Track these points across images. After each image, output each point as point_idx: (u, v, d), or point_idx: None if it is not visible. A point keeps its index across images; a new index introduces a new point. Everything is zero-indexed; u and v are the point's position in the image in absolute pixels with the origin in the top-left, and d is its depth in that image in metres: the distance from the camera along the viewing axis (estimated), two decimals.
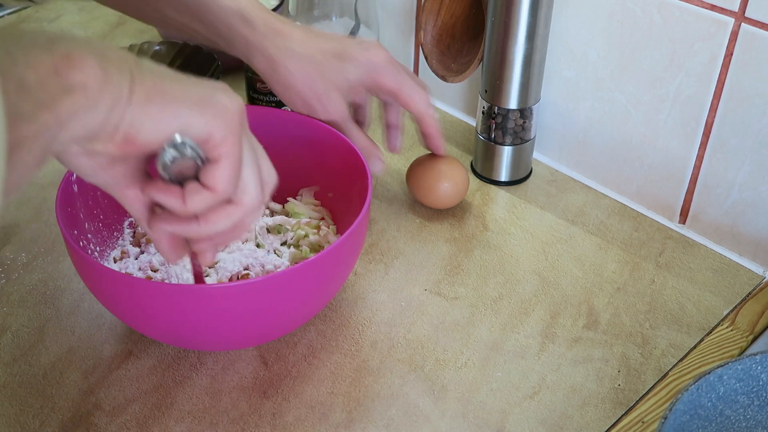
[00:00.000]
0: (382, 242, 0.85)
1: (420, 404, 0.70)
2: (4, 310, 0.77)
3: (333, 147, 0.79)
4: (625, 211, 0.91)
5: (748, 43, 0.76)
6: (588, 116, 0.91)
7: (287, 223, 0.79)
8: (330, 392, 0.70)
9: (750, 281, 0.82)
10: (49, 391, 0.70)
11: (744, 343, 0.75)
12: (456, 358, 0.74)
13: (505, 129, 0.91)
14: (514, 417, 0.69)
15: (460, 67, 0.95)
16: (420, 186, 0.87)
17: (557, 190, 0.93)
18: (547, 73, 0.90)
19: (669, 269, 0.83)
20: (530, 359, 0.74)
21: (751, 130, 0.79)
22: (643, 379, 0.72)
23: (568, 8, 0.87)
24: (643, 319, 0.78)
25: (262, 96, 0.98)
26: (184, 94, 0.48)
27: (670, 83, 0.83)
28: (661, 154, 0.87)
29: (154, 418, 0.68)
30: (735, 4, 0.76)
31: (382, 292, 0.80)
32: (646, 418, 0.68)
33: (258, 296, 0.65)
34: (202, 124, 0.49)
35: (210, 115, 0.49)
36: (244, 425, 0.68)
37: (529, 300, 0.79)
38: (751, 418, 0.61)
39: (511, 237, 0.87)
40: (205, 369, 0.72)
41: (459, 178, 0.86)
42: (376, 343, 0.75)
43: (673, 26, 0.80)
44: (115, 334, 0.75)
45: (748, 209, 0.83)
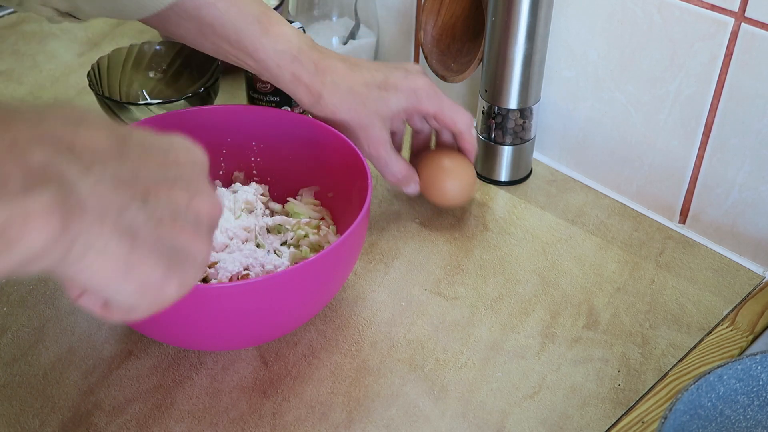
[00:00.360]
0: (382, 242, 0.85)
1: (420, 404, 0.70)
2: (4, 310, 0.77)
3: (333, 147, 0.79)
4: (625, 211, 0.91)
5: (748, 43, 0.76)
6: (588, 116, 0.91)
7: (287, 223, 0.79)
8: (330, 392, 0.70)
9: (750, 281, 0.82)
10: (49, 391, 0.70)
11: (744, 343, 0.75)
12: (456, 358, 0.74)
13: (505, 129, 0.91)
14: (514, 417, 0.69)
15: (460, 67, 0.95)
16: (428, 182, 0.85)
17: (557, 190, 0.93)
18: (547, 73, 0.90)
19: (669, 269, 0.83)
20: (530, 359, 0.74)
21: (751, 130, 0.79)
22: (643, 379, 0.72)
23: (568, 8, 0.87)
24: (643, 319, 0.78)
25: (262, 96, 0.98)
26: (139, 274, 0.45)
27: (670, 83, 0.83)
28: (661, 154, 0.87)
29: (154, 418, 0.68)
30: (735, 4, 0.76)
31: (382, 292, 0.80)
32: (646, 418, 0.68)
33: (258, 296, 0.66)
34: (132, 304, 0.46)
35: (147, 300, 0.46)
36: (244, 425, 0.68)
37: (529, 300, 0.79)
38: (751, 418, 0.61)
39: (511, 237, 0.87)
40: (205, 369, 0.72)
41: (468, 176, 0.85)
42: (376, 343, 0.75)
43: (673, 26, 0.80)
44: (115, 334, 0.75)
45: (748, 209, 0.83)
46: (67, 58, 1.13)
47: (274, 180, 0.84)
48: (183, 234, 0.46)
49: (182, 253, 0.46)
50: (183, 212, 0.46)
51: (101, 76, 0.97)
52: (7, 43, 1.15)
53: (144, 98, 1.00)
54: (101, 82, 0.97)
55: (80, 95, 1.05)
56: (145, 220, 0.43)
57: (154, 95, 1.01)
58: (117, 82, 0.99)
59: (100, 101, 0.95)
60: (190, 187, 0.47)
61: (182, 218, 0.46)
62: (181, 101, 0.94)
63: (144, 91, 1.01)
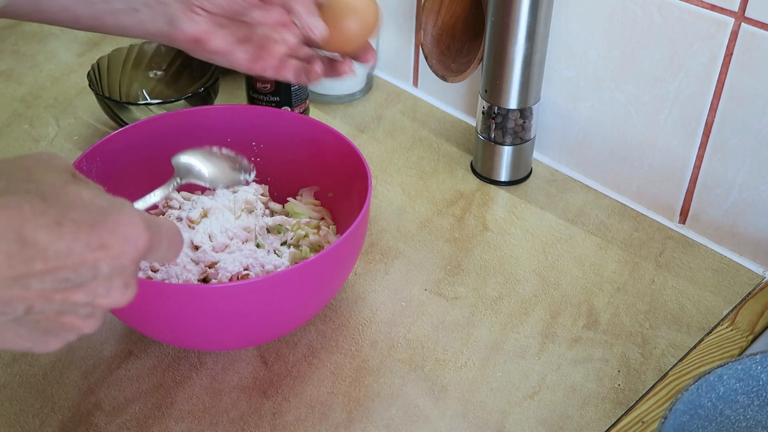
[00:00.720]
0: (382, 242, 0.85)
1: (420, 404, 0.70)
2: None
3: (333, 147, 0.79)
4: (625, 211, 0.91)
5: (748, 43, 0.76)
6: (588, 116, 0.91)
7: (287, 223, 0.79)
8: (330, 392, 0.70)
9: (750, 281, 0.82)
10: (49, 391, 0.70)
11: (744, 343, 0.75)
12: (456, 358, 0.74)
13: (505, 129, 0.91)
14: (514, 417, 0.69)
15: (460, 67, 0.95)
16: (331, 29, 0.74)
17: (557, 190, 0.93)
18: (547, 72, 0.90)
19: (669, 269, 0.83)
20: (530, 359, 0.74)
21: (751, 130, 0.79)
22: (643, 379, 0.72)
23: (568, 8, 0.87)
24: (643, 319, 0.78)
25: (262, 96, 0.98)
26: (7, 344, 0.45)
27: (670, 83, 0.83)
28: (661, 154, 0.87)
29: (154, 418, 0.68)
30: (735, 4, 0.76)
31: (382, 292, 0.80)
32: (646, 418, 0.68)
33: (258, 296, 0.66)
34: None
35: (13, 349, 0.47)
36: (244, 425, 0.68)
37: (529, 300, 0.79)
38: (751, 418, 0.61)
39: (511, 237, 0.87)
40: (205, 369, 0.72)
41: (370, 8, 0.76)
42: (376, 343, 0.75)
43: (673, 26, 0.80)
44: (115, 334, 0.75)
45: (748, 209, 0.83)
46: (67, 58, 1.13)
47: (274, 180, 0.84)
48: (67, 323, 0.45)
49: (59, 332, 0.46)
50: (75, 308, 0.45)
51: (101, 76, 0.97)
52: (7, 43, 1.15)
53: (144, 98, 1.00)
54: (101, 82, 0.97)
55: (80, 95, 1.05)
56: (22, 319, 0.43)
57: (154, 95, 1.01)
58: (117, 82, 0.99)
59: (100, 101, 0.95)
60: (100, 285, 0.45)
61: (72, 312, 0.45)
62: (181, 101, 0.94)
63: (144, 91, 1.01)
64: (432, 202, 0.91)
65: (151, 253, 0.47)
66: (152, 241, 0.46)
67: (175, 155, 0.67)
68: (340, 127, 1.01)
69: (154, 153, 0.79)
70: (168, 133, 0.80)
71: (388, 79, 1.10)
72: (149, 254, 0.47)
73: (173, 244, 0.50)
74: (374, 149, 0.98)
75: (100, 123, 1.00)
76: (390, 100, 1.07)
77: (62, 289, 0.43)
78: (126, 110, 0.94)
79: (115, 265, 0.45)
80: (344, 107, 1.06)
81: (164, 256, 0.49)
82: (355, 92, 1.07)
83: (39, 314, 0.44)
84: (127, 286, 0.46)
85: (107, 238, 0.44)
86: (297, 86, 0.98)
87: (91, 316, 0.46)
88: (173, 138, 0.81)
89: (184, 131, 0.81)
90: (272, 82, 0.97)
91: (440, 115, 1.04)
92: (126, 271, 0.46)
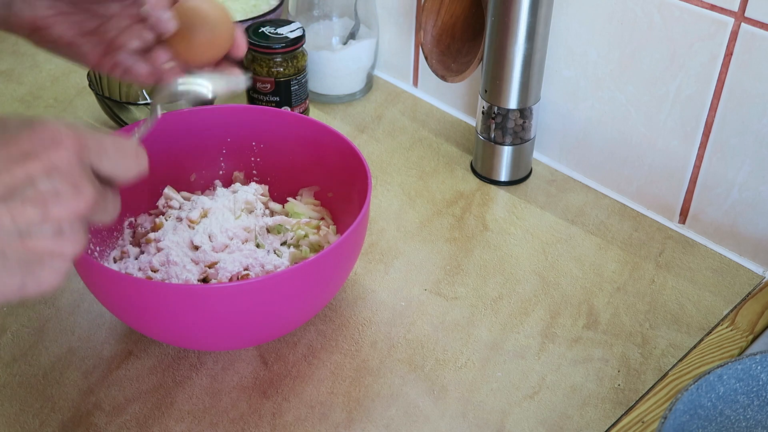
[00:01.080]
0: (382, 242, 0.85)
1: (420, 404, 0.70)
2: (4, 310, 0.77)
3: (333, 147, 0.79)
4: (625, 211, 0.91)
5: (748, 43, 0.76)
6: (588, 116, 0.91)
7: (287, 223, 0.79)
8: (330, 392, 0.70)
9: (750, 281, 0.82)
10: (49, 391, 0.70)
11: (744, 343, 0.75)
12: (456, 358, 0.74)
13: (505, 129, 0.91)
14: (514, 417, 0.69)
15: (460, 67, 0.95)
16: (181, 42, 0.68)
17: (557, 190, 0.93)
18: (547, 72, 0.90)
19: (669, 269, 0.83)
20: (530, 359, 0.74)
21: (751, 130, 0.79)
22: (643, 379, 0.72)
23: (568, 8, 0.87)
24: (643, 319, 0.78)
25: (262, 96, 0.98)
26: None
27: (670, 83, 0.83)
28: (661, 154, 0.87)
29: (154, 418, 0.68)
30: (735, 4, 0.76)
31: (382, 292, 0.80)
32: (646, 418, 0.68)
33: (258, 296, 0.66)
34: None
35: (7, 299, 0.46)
36: (244, 425, 0.68)
37: (529, 300, 0.79)
38: (751, 418, 0.61)
39: (511, 237, 0.87)
40: (205, 369, 0.72)
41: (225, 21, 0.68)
42: (376, 343, 0.75)
43: (673, 26, 0.80)
44: (115, 334, 0.75)
45: (748, 209, 0.83)
46: None
47: (274, 180, 0.84)
48: (38, 247, 0.44)
49: (40, 261, 0.44)
50: (36, 227, 0.44)
51: (101, 75, 0.97)
52: (7, 43, 1.15)
53: (144, 98, 1.00)
54: (101, 82, 0.97)
55: (80, 95, 1.05)
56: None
57: None
58: (117, 82, 0.99)
59: (100, 101, 0.95)
60: (45, 193, 0.43)
61: (35, 234, 0.44)
62: (181, 101, 0.94)
63: (144, 91, 1.01)
64: (432, 202, 0.91)
65: (95, 157, 0.46)
66: (83, 142, 0.45)
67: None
68: (340, 127, 1.02)
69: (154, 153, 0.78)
70: (168, 133, 0.80)
71: (388, 79, 1.10)
72: (93, 158, 0.46)
73: (122, 150, 0.48)
74: (374, 149, 0.98)
75: (99, 123, 1.00)
76: (390, 100, 1.07)
77: (4, 209, 0.42)
78: (126, 110, 0.94)
79: (51, 169, 0.43)
80: (344, 107, 1.06)
81: (119, 165, 0.47)
82: (355, 92, 1.07)
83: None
84: (77, 188, 0.44)
85: (27, 146, 0.43)
86: (297, 86, 0.98)
87: (60, 234, 0.44)
88: (173, 138, 0.81)
89: (184, 131, 0.81)
90: (272, 81, 0.97)
91: (440, 115, 1.04)
92: (69, 174, 0.44)
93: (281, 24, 0.98)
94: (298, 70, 0.98)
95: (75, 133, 0.45)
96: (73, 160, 0.44)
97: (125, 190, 0.68)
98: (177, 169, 0.83)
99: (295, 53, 0.97)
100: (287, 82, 0.97)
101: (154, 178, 0.82)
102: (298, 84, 0.98)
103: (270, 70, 0.96)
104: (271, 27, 0.97)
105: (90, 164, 0.46)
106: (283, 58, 0.96)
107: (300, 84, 0.98)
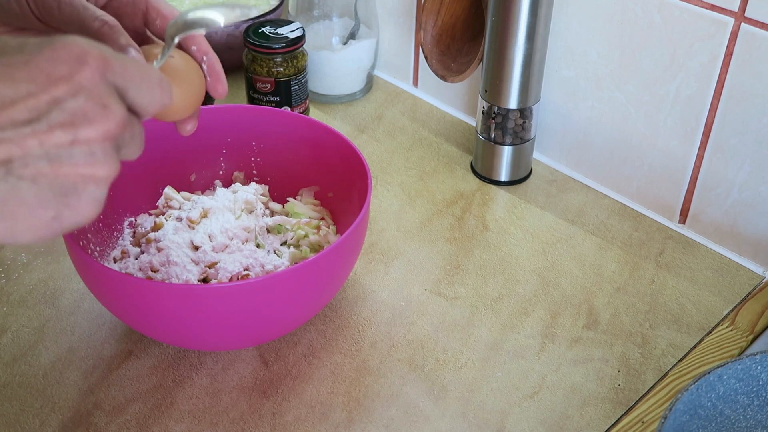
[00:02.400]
0: (382, 242, 0.85)
1: (420, 404, 0.70)
2: (4, 310, 0.77)
3: (333, 147, 0.79)
4: (625, 211, 0.91)
5: (748, 43, 0.76)
6: (588, 116, 0.91)
7: (287, 223, 0.79)
8: (330, 392, 0.70)
9: (750, 281, 0.82)
10: (49, 391, 0.70)
11: (744, 343, 0.75)
12: (456, 358, 0.74)
13: (505, 129, 0.91)
14: (514, 417, 0.69)
15: (460, 67, 0.95)
16: None
17: (557, 190, 0.93)
18: (547, 72, 0.91)
19: (669, 269, 0.83)
20: (530, 359, 0.74)
21: (751, 130, 0.79)
22: (643, 379, 0.72)
23: (568, 8, 0.87)
24: (643, 319, 0.78)
25: (262, 96, 0.98)
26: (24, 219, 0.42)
27: (670, 83, 0.83)
28: (661, 154, 0.87)
29: (154, 418, 0.68)
30: (735, 4, 0.76)
31: (382, 292, 0.80)
32: (646, 418, 0.68)
33: (258, 296, 0.66)
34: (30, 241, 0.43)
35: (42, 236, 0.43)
36: (244, 425, 0.68)
37: (529, 300, 0.79)
38: (751, 418, 0.61)
39: (511, 237, 0.87)
40: (205, 369, 0.72)
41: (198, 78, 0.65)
42: (376, 343, 0.75)
43: (673, 26, 0.80)
44: (115, 334, 0.75)
45: (748, 209, 0.83)
46: None
47: (274, 180, 0.84)
48: (70, 172, 0.42)
49: (74, 188, 0.42)
50: (66, 151, 0.41)
51: None
52: None
53: None
54: None
55: None
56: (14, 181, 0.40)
57: None
58: None
59: None
60: (72, 115, 0.41)
61: (66, 158, 0.41)
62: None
63: None
64: (432, 202, 0.91)
65: (120, 80, 0.43)
66: (108, 61, 0.43)
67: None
68: (340, 127, 1.02)
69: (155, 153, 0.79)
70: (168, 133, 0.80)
71: (388, 79, 1.11)
72: (118, 80, 0.43)
73: (147, 77, 0.45)
74: (374, 149, 0.98)
75: None
76: (390, 100, 1.07)
77: (30, 133, 0.40)
78: None
79: (77, 89, 0.41)
80: (344, 107, 1.06)
81: (144, 92, 0.45)
82: (355, 92, 1.07)
83: (27, 169, 0.41)
84: (106, 107, 0.42)
85: (50, 66, 0.41)
86: (297, 86, 0.98)
87: (92, 156, 0.42)
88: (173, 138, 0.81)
89: None
90: (272, 81, 0.97)
91: (440, 115, 1.04)
92: (96, 93, 0.42)
93: (281, 24, 0.98)
94: (298, 70, 0.98)
95: (100, 51, 0.42)
96: (99, 79, 0.42)
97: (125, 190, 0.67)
98: (177, 169, 0.83)
99: (295, 53, 0.97)
100: (287, 82, 0.97)
101: (154, 178, 0.82)
102: (298, 84, 0.98)
103: (270, 70, 0.96)
104: (271, 27, 0.97)
105: (114, 86, 0.44)
106: (283, 58, 0.96)
107: (300, 84, 0.98)
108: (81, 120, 0.41)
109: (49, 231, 0.43)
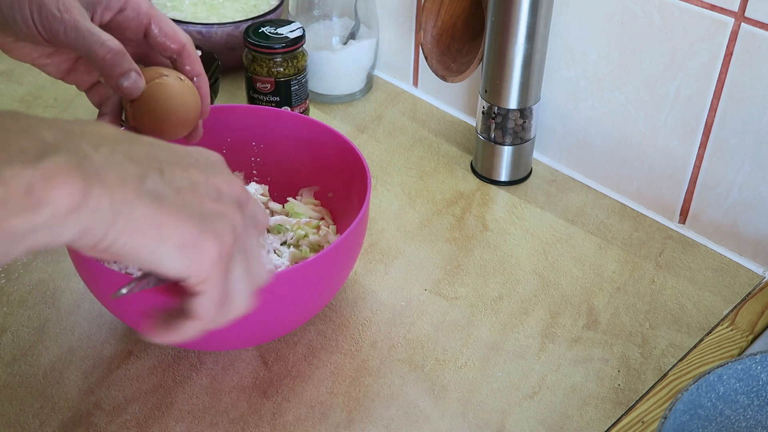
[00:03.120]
0: (382, 242, 0.85)
1: (420, 404, 0.70)
2: (4, 310, 0.77)
3: (333, 147, 0.79)
4: (625, 211, 0.91)
5: (748, 43, 0.76)
6: (588, 116, 0.91)
7: (287, 223, 0.79)
8: (330, 392, 0.70)
9: (750, 281, 0.82)
10: (49, 391, 0.70)
11: (744, 343, 0.75)
12: (456, 358, 0.74)
13: (505, 129, 0.91)
14: (514, 417, 0.69)
15: (460, 67, 0.95)
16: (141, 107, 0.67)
17: (557, 190, 0.93)
18: (547, 72, 0.91)
19: (669, 269, 0.83)
20: (530, 359, 0.74)
21: (751, 130, 0.79)
22: (643, 379, 0.72)
23: (568, 8, 0.88)
24: (643, 319, 0.78)
25: (262, 96, 0.98)
26: (172, 232, 0.44)
27: (670, 83, 0.83)
28: (661, 154, 0.87)
29: (154, 418, 0.68)
30: (735, 4, 0.76)
31: (382, 292, 0.80)
32: (646, 418, 0.68)
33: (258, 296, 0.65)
34: (180, 268, 0.45)
35: (190, 260, 0.45)
36: (244, 425, 0.68)
37: (529, 300, 0.79)
38: (751, 418, 0.61)
39: (511, 237, 0.87)
40: (205, 369, 0.72)
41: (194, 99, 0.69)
42: (376, 343, 0.75)
43: (673, 26, 0.80)
44: (115, 334, 0.75)
45: (748, 209, 0.83)
46: None
47: (274, 180, 0.84)
48: (207, 202, 0.46)
49: (212, 216, 0.46)
50: (203, 185, 0.46)
51: None
52: None
53: None
54: None
55: (80, 95, 1.05)
56: (165, 186, 0.44)
57: None
58: None
59: None
60: (206, 169, 0.47)
61: (203, 190, 0.46)
62: None
63: None
64: (432, 202, 0.91)
65: (247, 209, 0.49)
66: (246, 196, 0.49)
67: None
68: (340, 127, 1.02)
69: None
70: None
71: (388, 79, 1.11)
72: (246, 209, 0.49)
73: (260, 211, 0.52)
74: (374, 149, 0.98)
75: None
76: (390, 100, 1.07)
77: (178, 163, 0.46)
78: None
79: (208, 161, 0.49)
80: (344, 107, 1.06)
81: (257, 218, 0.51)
82: (355, 92, 1.07)
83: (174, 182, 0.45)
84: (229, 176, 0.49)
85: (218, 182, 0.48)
86: (297, 86, 0.98)
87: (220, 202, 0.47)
88: None
89: None
90: (272, 81, 0.97)
91: (440, 115, 1.04)
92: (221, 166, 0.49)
93: (281, 24, 0.98)
94: (298, 70, 0.98)
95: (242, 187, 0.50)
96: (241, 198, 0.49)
97: None
98: None
99: (295, 53, 0.97)
100: (287, 82, 0.97)
101: None
102: (298, 84, 0.98)
103: (270, 70, 0.96)
104: (271, 27, 0.97)
105: None
106: (283, 58, 0.96)
107: (300, 84, 0.98)
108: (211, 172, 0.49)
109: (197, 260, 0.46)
